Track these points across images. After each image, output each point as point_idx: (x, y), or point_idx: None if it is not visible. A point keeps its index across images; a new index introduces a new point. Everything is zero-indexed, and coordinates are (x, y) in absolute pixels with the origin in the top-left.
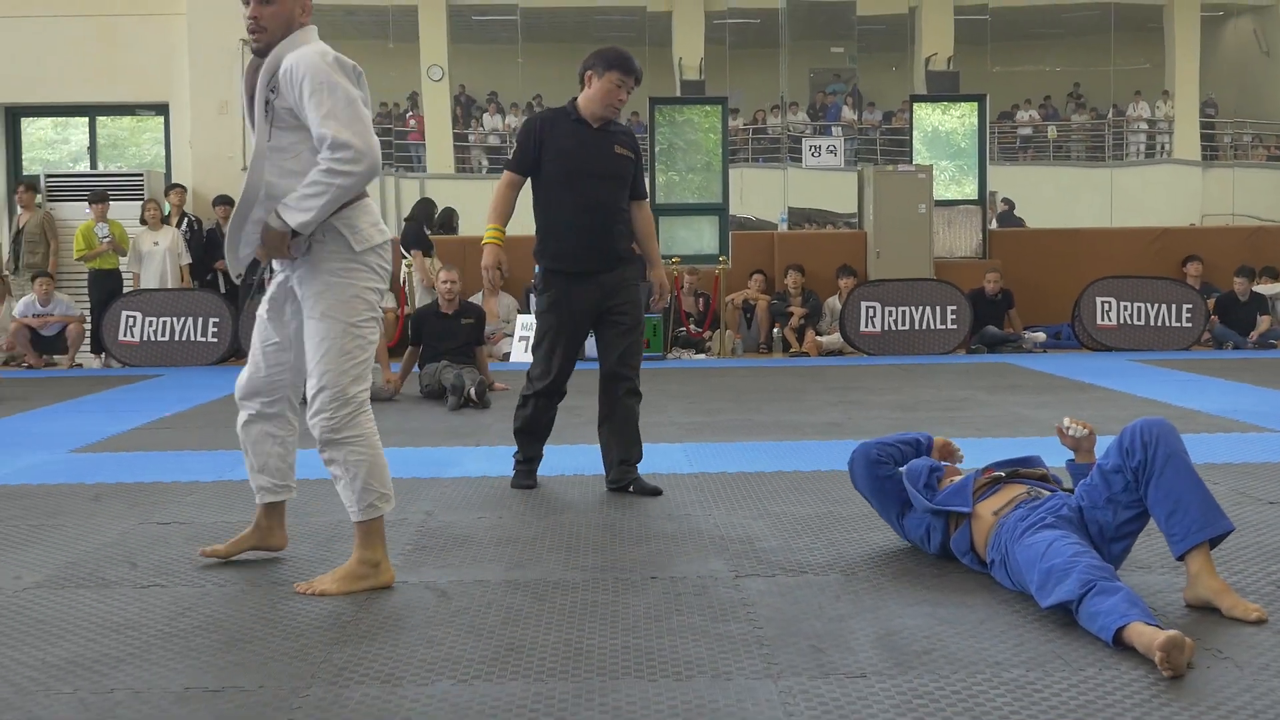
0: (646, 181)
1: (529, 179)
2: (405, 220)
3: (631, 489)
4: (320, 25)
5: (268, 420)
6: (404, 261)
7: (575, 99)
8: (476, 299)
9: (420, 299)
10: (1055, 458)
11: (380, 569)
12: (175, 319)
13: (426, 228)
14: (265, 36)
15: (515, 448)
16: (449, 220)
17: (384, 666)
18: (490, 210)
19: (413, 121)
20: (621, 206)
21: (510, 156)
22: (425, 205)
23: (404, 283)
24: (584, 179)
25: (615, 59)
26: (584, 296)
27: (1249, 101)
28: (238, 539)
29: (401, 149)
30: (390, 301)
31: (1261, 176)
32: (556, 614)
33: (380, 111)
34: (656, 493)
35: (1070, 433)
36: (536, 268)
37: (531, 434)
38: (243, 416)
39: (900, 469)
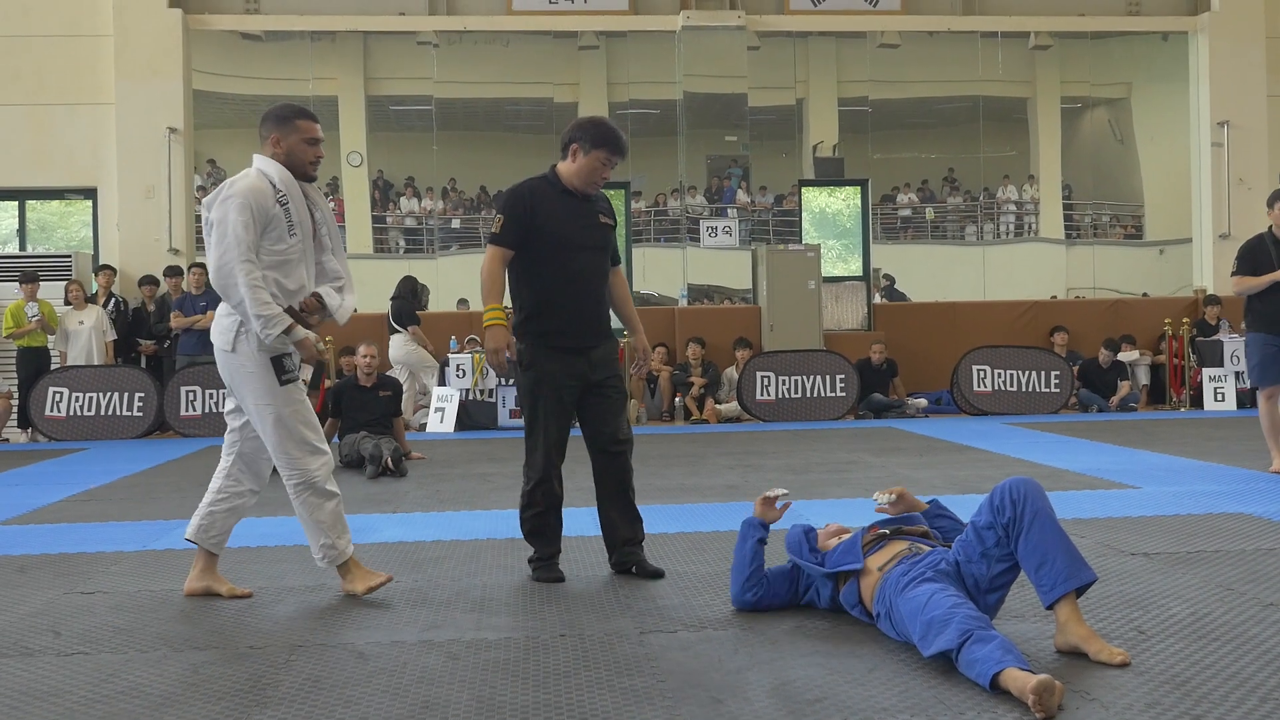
0: None
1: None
2: (392, 299)
3: (635, 570)
4: (247, 116)
5: None
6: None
7: (555, 167)
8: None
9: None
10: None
11: None
12: (101, 394)
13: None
14: None
15: (525, 540)
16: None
17: None
18: (486, 289)
19: (333, 204)
20: (606, 277)
21: (496, 230)
22: (409, 282)
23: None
24: (575, 251)
25: (604, 138)
26: (572, 371)
27: (1106, 185)
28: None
29: None
30: (309, 374)
31: (1119, 253)
32: (469, 672)
33: None
34: (659, 575)
35: (881, 502)
36: (519, 344)
37: (543, 534)
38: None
39: (770, 568)
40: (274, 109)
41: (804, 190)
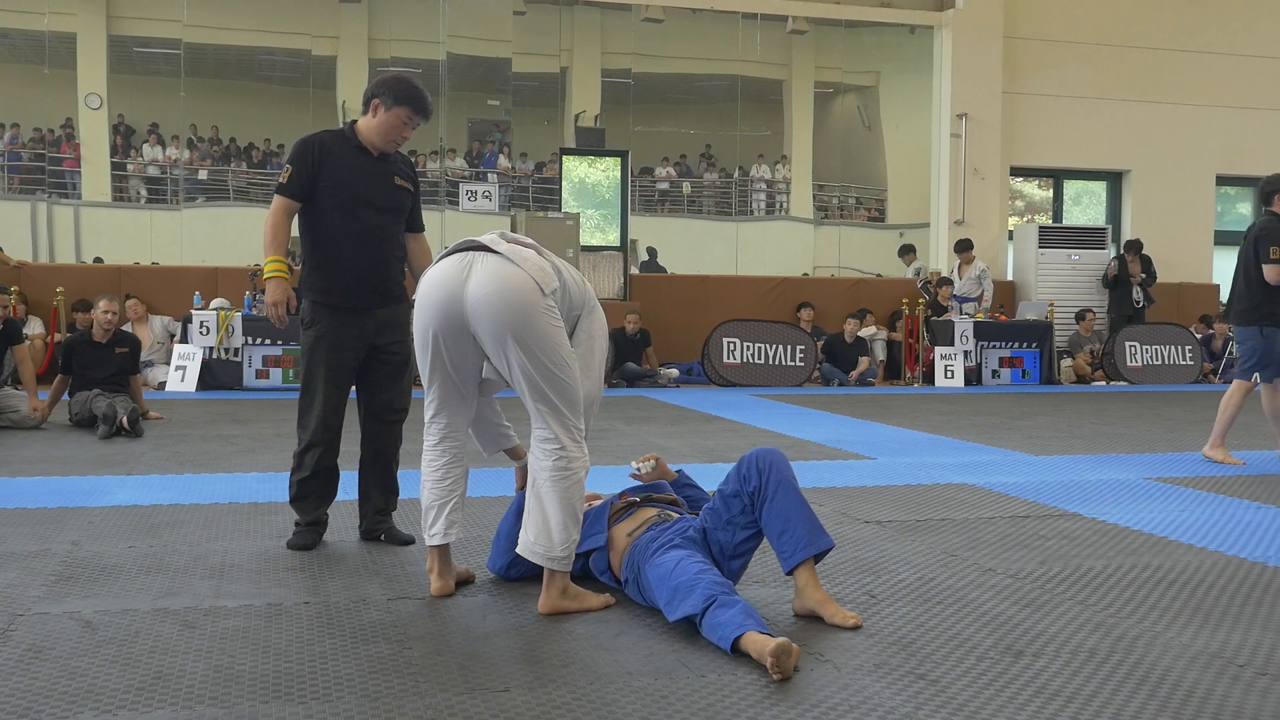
0: None
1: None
2: None
3: (383, 538)
4: None
5: None
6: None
7: (354, 122)
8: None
9: None
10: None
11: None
12: None
13: None
14: None
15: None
16: None
17: (22, 700)
18: (267, 240)
19: (69, 149)
20: (398, 240)
21: (283, 180)
22: None
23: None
24: (362, 208)
25: (407, 94)
26: (355, 333)
27: (852, 168)
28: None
29: (56, 176)
30: (39, 327)
31: (863, 234)
32: (206, 641)
33: (33, 137)
34: (409, 542)
35: (642, 470)
36: (301, 300)
37: (305, 500)
38: None
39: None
40: None
41: (565, 159)
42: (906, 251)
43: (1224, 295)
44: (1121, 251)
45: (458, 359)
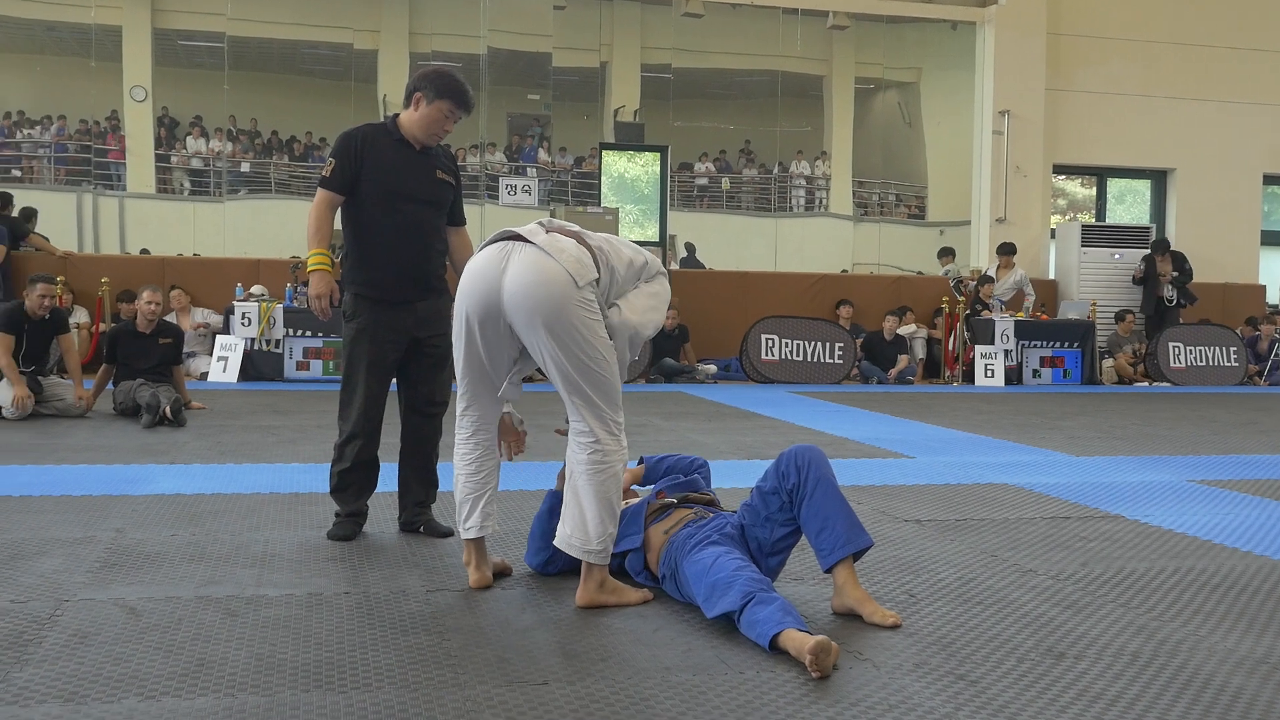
0: None
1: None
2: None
3: (422, 530)
4: (20, 40)
5: None
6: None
7: (396, 116)
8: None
9: None
10: (719, 479)
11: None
12: None
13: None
14: None
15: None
16: None
17: (68, 685)
18: (311, 233)
19: (114, 141)
20: (440, 233)
21: (326, 173)
22: None
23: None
24: (403, 202)
25: (449, 88)
26: (396, 326)
27: (893, 165)
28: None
29: (101, 167)
30: (84, 317)
31: (903, 231)
32: (248, 629)
33: (79, 129)
34: (448, 534)
35: None
36: (343, 293)
37: (346, 491)
38: None
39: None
40: None
41: (604, 153)
42: (945, 254)
43: (1271, 296)
44: (1150, 251)
45: (494, 350)
